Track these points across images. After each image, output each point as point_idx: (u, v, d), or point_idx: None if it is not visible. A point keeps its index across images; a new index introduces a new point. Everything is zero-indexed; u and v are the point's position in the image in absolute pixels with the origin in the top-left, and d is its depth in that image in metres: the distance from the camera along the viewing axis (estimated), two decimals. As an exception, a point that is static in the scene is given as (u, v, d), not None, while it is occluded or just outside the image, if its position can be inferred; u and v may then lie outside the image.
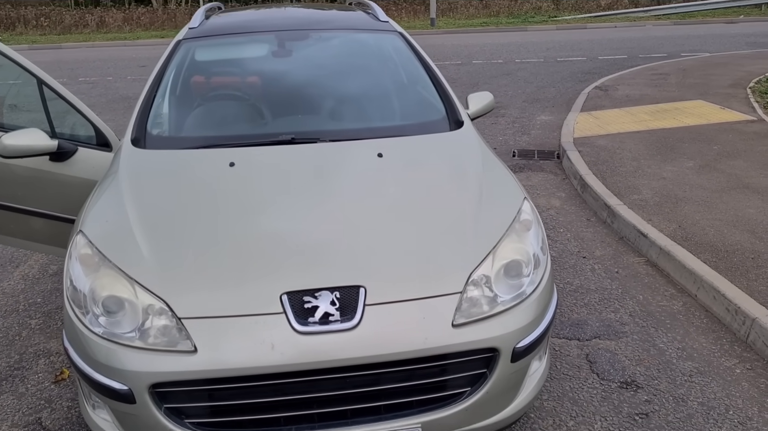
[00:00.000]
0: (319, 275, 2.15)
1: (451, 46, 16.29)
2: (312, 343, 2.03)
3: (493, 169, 2.81)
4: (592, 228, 4.77)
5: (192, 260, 2.21)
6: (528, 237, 2.44)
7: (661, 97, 8.54)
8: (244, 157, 2.77)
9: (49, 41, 20.04)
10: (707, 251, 3.96)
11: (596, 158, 5.95)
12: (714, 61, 11.73)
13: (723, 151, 5.98)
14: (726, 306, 3.41)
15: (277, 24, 3.91)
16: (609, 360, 3.13)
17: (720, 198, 4.83)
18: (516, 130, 7.68)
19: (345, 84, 3.44)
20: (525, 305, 2.26)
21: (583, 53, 14.12)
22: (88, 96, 10.68)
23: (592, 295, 3.76)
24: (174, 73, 3.45)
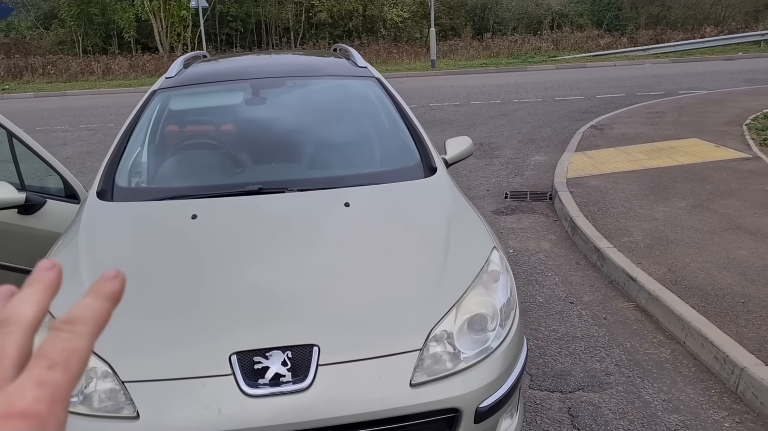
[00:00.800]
0: (270, 334, 2.06)
1: (450, 87, 16.41)
2: (261, 406, 1.94)
3: (464, 217, 2.74)
4: (581, 272, 4.67)
5: (140, 319, 2.13)
6: (495, 288, 2.35)
7: (656, 136, 8.50)
8: (207, 209, 2.72)
9: (55, 89, 20.37)
10: (696, 295, 3.84)
11: (588, 199, 5.87)
12: (711, 98, 11.73)
13: (716, 191, 5.90)
14: (714, 355, 3.28)
15: (255, 72, 3.91)
16: (591, 413, 3.00)
17: (711, 239, 4.73)
18: (509, 171, 7.64)
19: (317, 132, 3.41)
20: (490, 361, 2.17)
21: (581, 92, 14.17)
22: (87, 143, 10.76)
23: (578, 343, 3.64)
24: (146, 123, 3.43)
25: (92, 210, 2.80)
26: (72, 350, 0.37)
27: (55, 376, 0.35)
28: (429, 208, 2.81)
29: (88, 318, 0.39)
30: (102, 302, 0.40)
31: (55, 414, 0.34)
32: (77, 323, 0.38)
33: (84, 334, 0.38)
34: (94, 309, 0.39)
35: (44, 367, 0.36)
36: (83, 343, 0.37)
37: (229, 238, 2.54)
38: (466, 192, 6.75)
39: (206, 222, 2.63)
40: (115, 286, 0.41)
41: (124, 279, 0.42)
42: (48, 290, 0.40)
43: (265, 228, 2.60)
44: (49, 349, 0.37)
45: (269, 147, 3.28)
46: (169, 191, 2.93)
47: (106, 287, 0.41)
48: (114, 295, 0.41)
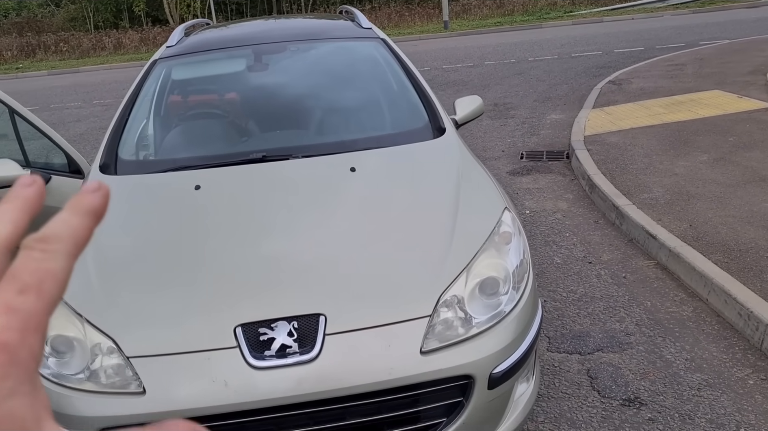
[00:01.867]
0: (275, 304, 2.01)
1: (464, 48, 16.10)
2: (268, 378, 1.90)
3: (474, 178, 2.65)
4: (599, 231, 4.56)
5: (143, 294, 2.10)
6: (507, 251, 2.27)
7: (676, 89, 8.25)
8: (210, 179, 2.66)
9: (68, 65, 20.36)
10: (719, 251, 3.73)
11: (606, 156, 5.72)
12: (733, 48, 11.36)
13: (739, 143, 5.71)
14: (738, 311, 3.19)
15: (257, 37, 3.81)
16: (611, 375, 2.94)
17: (734, 193, 4.58)
18: (525, 131, 7.48)
19: (321, 96, 3.31)
20: (502, 326, 2.10)
21: (599, 47, 13.81)
22: (101, 119, 10.74)
23: (597, 304, 3.56)
24: (148, 94, 3.36)
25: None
26: (46, 271, 0.31)
27: (28, 301, 0.30)
28: (437, 169, 2.72)
29: (64, 236, 0.33)
30: (81, 217, 0.34)
31: (28, 344, 0.29)
32: (52, 241, 0.33)
33: (60, 253, 0.32)
34: (71, 225, 0.34)
35: (14, 291, 0.30)
36: (59, 263, 0.32)
37: (233, 208, 2.48)
38: (481, 153, 6.64)
39: (210, 193, 2.58)
40: (95, 200, 0.35)
41: (106, 193, 0.36)
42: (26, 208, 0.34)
43: (269, 196, 2.53)
44: (20, 271, 0.31)
45: (272, 114, 3.19)
46: (172, 162, 2.87)
47: (87, 201, 0.35)
48: (95, 210, 0.35)
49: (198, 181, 2.63)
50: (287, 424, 1.93)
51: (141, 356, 1.94)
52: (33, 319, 0.30)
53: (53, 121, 10.65)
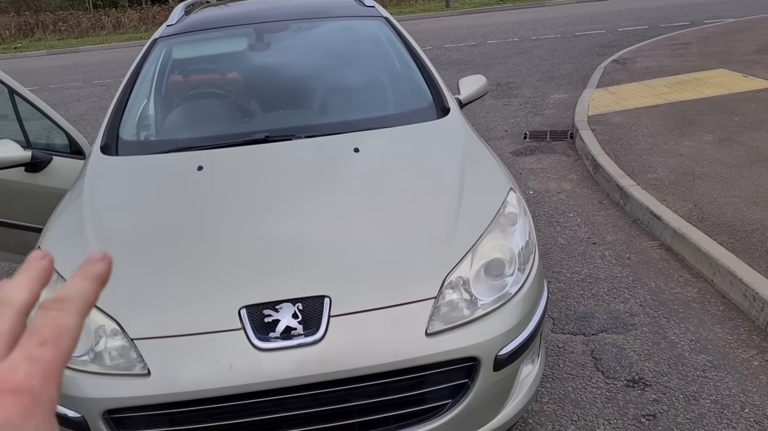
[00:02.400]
0: (279, 286, 2.00)
1: (466, 27, 15.95)
2: (273, 360, 1.89)
3: (479, 158, 2.62)
4: (603, 212, 4.54)
5: (146, 276, 2.08)
6: (512, 232, 2.26)
7: (681, 68, 8.17)
8: (213, 160, 2.63)
9: (67, 45, 20.19)
10: (724, 231, 3.71)
11: (610, 136, 5.68)
12: (739, 26, 11.23)
13: (745, 122, 5.66)
14: (743, 292, 3.17)
15: (258, 16, 3.75)
16: (615, 356, 2.93)
17: (740, 173, 4.55)
18: (528, 111, 7.42)
19: (324, 75, 3.27)
20: (508, 308, 2.09)
21: (602, 26, 13.67)
22: (101, 98, 10.68)
23: (601, 285, 3.55)
24: (148, 73, 3.32)
25: (96, 166, 2.73)
26: (62, 327, 0.37)
27: (47, 353, 0.36)
28: (441, 150, 2.69)
29: (76, 298, 0.40)
30: (90, 282, 0.41)
31: (47, 389, 0.34)
32: (66, 301, 0.39)
33: (73, 312, 0.39)
34: (82, 288, 0.40)
35: (35, 344, 0.36)
36: (73, 321, 0.38)
37: (236, 189, 2.46)
38: (484, 133, 6.59)
39: (212, 174, 2.55)
40: (101, 268, 0.42)
41: (110, 262, 0.43)
42: (39, 277, 0.41)
43: (272, 177, 2.51)
44: (40, 327, 0.37)
45: (275, 93, 3.16)
46: (174, 143, 2.84)
47: (94, 268, 0.42)
48: (101, 276, 0.42)
49: (200, 161, 2.60)
50: (292, 406, 1.93)
51: (145, 338, 1.93)
52: (52, 368, 0.35)
53: (53, 101, 10.59)
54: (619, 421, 2.54)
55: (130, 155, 2.81)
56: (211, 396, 1.87)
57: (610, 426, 2.52)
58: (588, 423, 2.55)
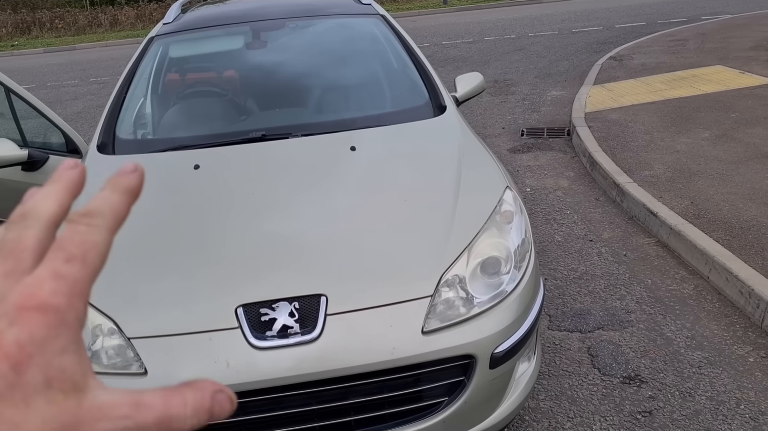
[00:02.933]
0: (276, 284, 2.00)
1: (463, 24, 15.94)
2: (270, 359, 1.89)
3: (475, 156, 2.63)
4: (600, 209, 4.55)
5: (143, 274, 2.09)
6: (508, 230, 2.26)
7: (678, 64, 8.18)
8: (209, 159, 2.63)
9: (64, 43, 20.14)
10: (721, 228, 3.72)
11: (607, 133, 5.69)
12: (735, 22, 11.24)
13: (741, 119, 5.67)
14: (739, 289, 3.19)
15: (255, 14, 3.75)
16: (612, 353, 2.94)
17: (736, 170, 4.56)
18: (526, 108, 7.42)
19: (320, 73, 3.27)
20: (504, 305, 2.09)
21: (599, 22, 13.68)
22: (98, 96, 10.66)
23: (598, 282, 3.56)
24: (145, 72, 3.32)
25: (92, 164, 2.72)
26: (90, 243, 0.35)
27: (74, 269, 0.34)
28: (438, 148, 2.70)
29: (105, 212, 0.37)
30: (120, 195, 0.38)
31: (74, 307, 0.33)
32: (95, 216, 0.36)
33: (102, 227, 0.36)
34: (112, 202, 0.37)
35: (62, 260, 0.34)
36: (101, 236, 0.36)
37: (232, 188, 2.46)
38: (481, 131, 6.60)
39: (209, 172, 2.55)
40: (133, 180, 0.39)
41: (142, 173, 0.40)
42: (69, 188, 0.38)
43: (268, 175, 2.51)
44: (66, 242, 0.35)
45: (272, 92, 3.16)
46: (170, 142, 2.84)
47: (124, 181, 0.39)
48: (132, 189, 0.39)
49: (197, 160, 2.61)
50: (289, 404, 1.93)
51: (142, 337, 1.93)
52: (78, 285, 0.33)
53: (50, 99, 10.58)
54: (615, 418, 2.55)
55: (126, 154, 2.81)
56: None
57: (606, 422, 2.54)
58: (584, 420, 2.56)
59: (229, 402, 0.37)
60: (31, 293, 0.32)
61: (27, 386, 0.30)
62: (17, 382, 0.29)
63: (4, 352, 0.30)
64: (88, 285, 0.34)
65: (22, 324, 0.31)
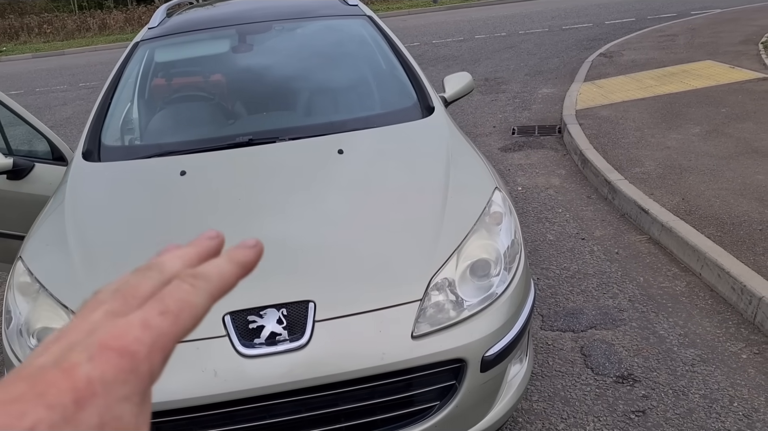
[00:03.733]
0: (263, 292, 1.98)
1: (453, 22, 15.94)
2: (258, 366, 1.87)
3: (463, 157, 2.61)
4: (592, 207, 4.54)
5: (129, 284, 2.06)
6: (497, 231, 2.25)
7: (668, 60, 8.19)
8: (196, 165, 2.61)
9: (52, 48, 20.04)
10: (712, 224, 3.71)
11: (598, 130, 5.68)
12: (724, 17, 11.28)
13: (732, 114, 5.68)
14: (731, 285, 3.18)
15: (241, 17, 3.72)
16: (605, 352, 2.93)
17: (727, 165, 4.56)
18: (517, 106, 7.41)
19: (307, 76, 3.25)
20: (494, 308, 2.08)
21: (589, 19, 13.69)
22: (87, 101, 10.60)
23: (590, 280, 3.55)
24: (130, 77, 3.29)
25: (77, 172, 2.70)
26: (187, 303, 0.35)
27: (164, 323, 0.33)
28: (426, 149, 2.68)
29: (213, 277, 0.37)
30: (232, 266, 0.39)
31: (151, 360, 0.32)
32: (201, 278, 0.37)
33: (204, 291, 0.36)
34: (222, 270, 0.38)
35: (156, 311, 0.34)
36: (200, 299, 0.36)
37: (219, 194, 2.44)
38: (472, 129, 6.59)
39: (196, 179, 2.53)
40: (249, 256, 0.40)
41: (260, 251, 0.41)
42: (201, 255, 0.40)
43: (255, 181, 2.49)
44: (166, 296, 0.35)
45: (258, 96, 3.13)
46: (156, 148, 2.81)
47: (241, 254, 0.40)
48: (247, 264, 0.40)
49: (183, 166, 2.58)
50: (279, 412, 1.91)
51: (128, 347, 1.90)
52: (163, 339, 0.33)
53: (39, 105, 10.52)
54: (608, 418, 2.54)
55: (112, 161, 2.78)
56: (196, 404, 1.85)
57: (599, 422, 2.52)
58: (578, 421, 2.54)
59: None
60: (116, 335, 0.32)
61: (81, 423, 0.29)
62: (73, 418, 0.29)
63: (72, 384, 0.29)
64: (173, 342, 0.34)
65: (98, 362, 0.31)
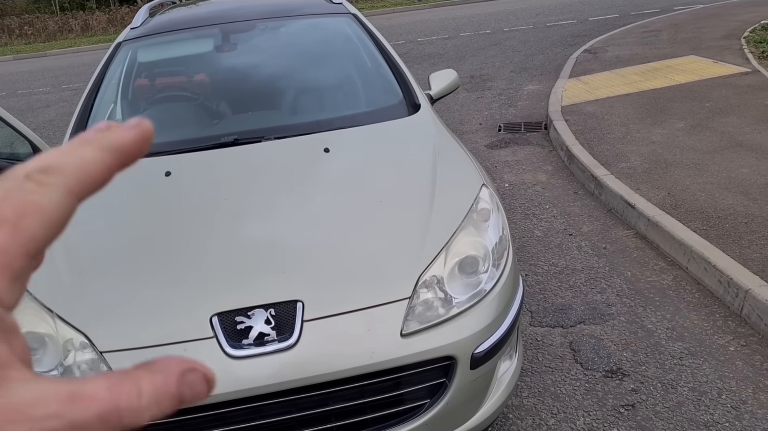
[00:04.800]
0: (251, 292, 1.96)
1: (438, 20, 15.95)
2: (247, 367, 1.86)
3: (450, 154, 2.60)
4: (579, 202, 4.55)
5: (114, 286, 2.03)
6: (485, 228, 2.24)
7: (652, 56, 8.24)
8: (180, 165, 2.58)
9: (34, 49, 19.85)
10: (698, 218, 3.74)
11: (584, 126, 5.70)
12: (707, 12, 11.36)
13: (715, 108, 5.72)
14: (718, 278, 3.20)
15: (224, 16, 3.69)
16: (594, 347, 2.94)
17: (712, 159, 4.59)
18: (502, 103, 7.43)
19: (292, 75, 3.23)
20: (484, 304, 2.07)
21: (573, 16, 13.75)
22: (70, 103, 10.49)
23: (578, 276, 3.56)
24: (113, 78, 3.25)
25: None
26: (31, 205, 0.27)
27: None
28: (412, 147, 2.67)
29: (68, 168, 0.28)
30: (98, 152, 0.28)
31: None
32: (51, 173, 0.27)
33: (55, 187, 0.27)
34: (81, 158, 0.28)
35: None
36: (51, 199, 0.27)
37: (204, 194, 2.41)
38: (458, 127, 6.59)
39: (180, 179, 2.50)
40: (126, 136, 0.29)
41: (144, 131, 0.30)
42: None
43: (241, 181, 2.47)
44: (4, 202, 0.27)
45: (243, 95, 3.11)
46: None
47: (113, 136, 0.29)
48: (121, 147, 0.29)
49: (168, 167, 2.55)
50: (269, 413, 1.90)
51: (115, 350, 1.88)
52: (3, 257, 0.26)
53: (21, 107, 10.40)
54: (598, 412, 2.55)
55: (96, 162, 2.75)
56: (183, 407, 1.82)
57: (589, 417, 2.53)
58: (568, 416, 2.55)
59: (204, 383, 0.29)
60: None
61: None
62: None
63: None
64: (17, 256, 0.26)
65: None
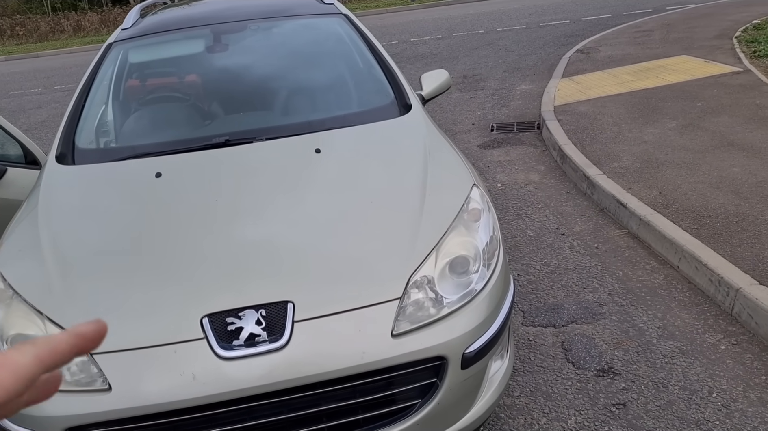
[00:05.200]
0: (241, 293, 1.96)
1: (431, 20, 15.97)
2: (237, 368, 1.85)
3: (441, 154, 2.61)
4: (571, 202, 4.56)
5: (105, 288, 2.03)
6: (476, 228, 2.24)
7: (644, 55, 8.27)
8: (171, 166, 2.57)
9: (26, 50, 19.77)
10: (689, 218, 3.75)
11: (576, 126, 5.72)
12: (699, 12, 11.41)
13: (707, 108, 5.74)
14: (709, 277, 3.21)
15: (216, 17, 3.68)
16: (585, 346, 2.95)
17: (703, 158, 4.61)
18: (495, 103, 7.44)
19: (283, 76, 3.23)
20: (474, 304, 2.07)
21: (566, 16, 13.79)
22: (62, 104, 10.46)
23: (570, 275, 3.57)
24: (104, 79, 3.24)
25: (51, 176, 2.66)
26: (8, 361, 0.36)
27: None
28: (403, 147, 2.67)
29: (39, 341, 0.39)
30: (65, 334, 0.40)
31: None
32: (28, 343, 0.38)
33: (28, 352, 0.37)
34: (53, 338, 0.39)
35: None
36: (24, 359, 0.37)
37: (195, 195, 2.41)
38: (451, 127, 6.60)
39: (171, 180, 2.50)
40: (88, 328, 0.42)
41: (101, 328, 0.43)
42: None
43: (231, 181, 2.46)
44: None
45: (234, 96, 3.10)
46: (131, 150, 2.77)
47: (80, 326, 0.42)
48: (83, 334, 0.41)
49: (159, 168, 2.55)
50: (260, 414, 1.90)
51: (105, 352, 1.87)
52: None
53: (13, 108, 10.36)
54: (589, 411, 2.55)
55: (86, 164, 2.74)
56: (174, 408, 1.82)
57: (581, 416, 2.53)
58: (559, 415, 2.55)
59: None
60: None
61: None
62: None
63: None
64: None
65: None
